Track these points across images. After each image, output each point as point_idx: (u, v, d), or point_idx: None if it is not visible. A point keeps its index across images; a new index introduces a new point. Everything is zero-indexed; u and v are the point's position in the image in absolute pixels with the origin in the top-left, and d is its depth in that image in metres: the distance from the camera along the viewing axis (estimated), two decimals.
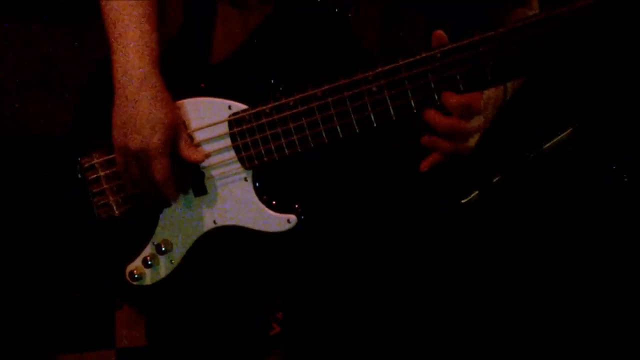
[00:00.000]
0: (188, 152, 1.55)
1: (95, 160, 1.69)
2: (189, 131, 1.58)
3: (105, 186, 1.69)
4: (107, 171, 1.68)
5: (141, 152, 1.51)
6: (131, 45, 1.51)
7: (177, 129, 1.54)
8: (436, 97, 1.37)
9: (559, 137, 2.36)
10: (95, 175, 1.69)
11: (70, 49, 1.86)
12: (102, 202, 1.69)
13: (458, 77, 1.35)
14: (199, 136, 1.58)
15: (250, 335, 1.78)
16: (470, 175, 2.36)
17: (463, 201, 2.33)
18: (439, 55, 1.36)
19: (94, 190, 1.69)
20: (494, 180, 2.36)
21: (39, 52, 1.85)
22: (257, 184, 1.55)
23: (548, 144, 2.36)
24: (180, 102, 1.58)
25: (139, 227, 1.65)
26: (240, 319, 1.74)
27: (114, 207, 1.68)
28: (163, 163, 1.52)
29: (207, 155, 1.57)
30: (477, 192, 2.34)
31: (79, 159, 1.70)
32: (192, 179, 1.60)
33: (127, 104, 1.51)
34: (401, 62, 1.39)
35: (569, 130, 2.35)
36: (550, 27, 1.27)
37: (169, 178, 1.54)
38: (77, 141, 1.72)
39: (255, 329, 1.79)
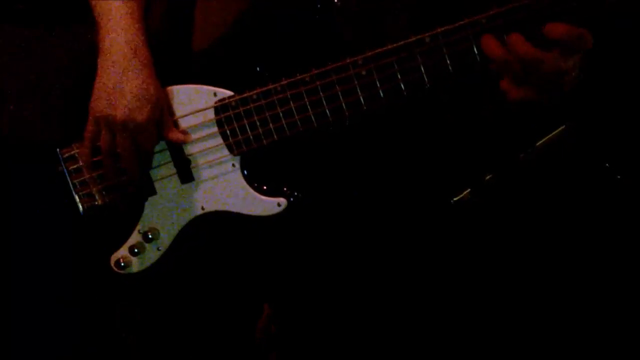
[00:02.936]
0: (171, 132, 1.65)
1: (76, 150, 1.77)
2: (174, 118, 1.67)
3: (86, 176, 1.76)
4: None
5: (125, 124, 1.60)
6: (118, 17, 1.61)
7: (162, 108, 1.64)
8: (426, 79, 1.47)
9: (552, 135, 2.44)
10: (76, 166, 1.77)
11: (67, 51, 1.92)
12: (84, 192, 1.77)
13: (447, 59, 1.45)
14: (184, 123, 1.67)
15: (239, 328, 1.86)
16: (462, 173, 2.43)
17: (454, 199, 2.40)
18: (427, 39, 1.46)
19: (75, 181, 1.77)
20: (486, 179, 2.44)
21: (36, 56, 1.91)
22: (246, 169, 1.64)
23: (540, 142, 2.44)
24: (164, 89, 1.67)
25: (123, 216, 1.73)
26: (230, 306, 1.82)
27: (97, 197, 1.76)
28: (150, 134, 1.62)
29: (189, 137, 1.66)
30: (468, 190, 2.42)
31: (58, 150, 1.78)
32: (178, 165, 1.69)
33: (115, 72, 1.60)
34: (390, 46, 1.49)
35: (561, 128, 2.43)
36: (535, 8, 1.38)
37: (148, 154, 1.65)
38: (56, 133, 1.80)
39: (244, 321, 1.87)
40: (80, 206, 1.77)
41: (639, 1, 1.35)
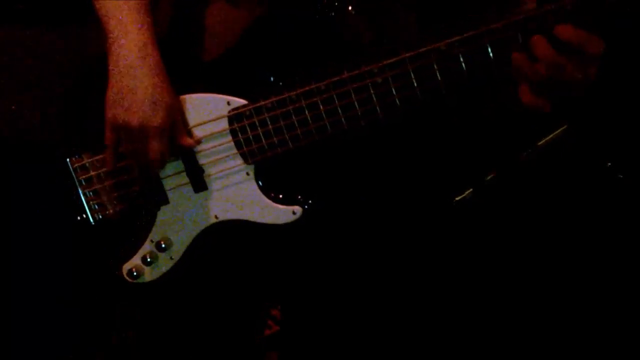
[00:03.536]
0: (184, 139, 1.65)
1: (86, 161, 1.77)
2: (188, 127, 1.67)
3: (98, 186, 1.77)
4: (99, 171, 1.76)
5: (141, 129, 1.60)
6: (126, 18, 1.59)
7: (175, 113, 1.64)
8: (442, 86, 1.49)
9: (553, 134, 2.46)
10: (87, 176, 1.78)
11: (68, 51, 1.94)
12: (96, 202, 1.78)
13: (464, 66, 1.46)
14: (198, 132, 1.67)
15: (246, 332, 1.88)
16: (464, 172, 2.46)
17: (457, 199, 2.43)
18: (443, 47, 1.48)
19: (86, 191, 1.78)
20: (488, 178, 2.46)
21: (36, 56, 1.91)
22: (260, 178, 1.65)
23: (542, 141, 2.47)
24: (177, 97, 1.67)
25: (135, 225, 1.74)
26: (240, 314, 1.84)
27: (108, 207, 1.77)
28: (162, 143, 1.62)
29: (201, 144, 1.66)
30: (470, 189, 2.44)
31: (68, 160, 1.79)
32: (191, 174, 1.70)
33: (126, 78, 1.58)
34: (406, 54, 1.50)
35: (563, 128, 2.45)
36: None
37: (164, 159, 1.64)
38: (65, 142, 1.81)
39: (251, 327, 1.89)
40: (92, 216, 1.78)
41: (639, 1, 1.37)
